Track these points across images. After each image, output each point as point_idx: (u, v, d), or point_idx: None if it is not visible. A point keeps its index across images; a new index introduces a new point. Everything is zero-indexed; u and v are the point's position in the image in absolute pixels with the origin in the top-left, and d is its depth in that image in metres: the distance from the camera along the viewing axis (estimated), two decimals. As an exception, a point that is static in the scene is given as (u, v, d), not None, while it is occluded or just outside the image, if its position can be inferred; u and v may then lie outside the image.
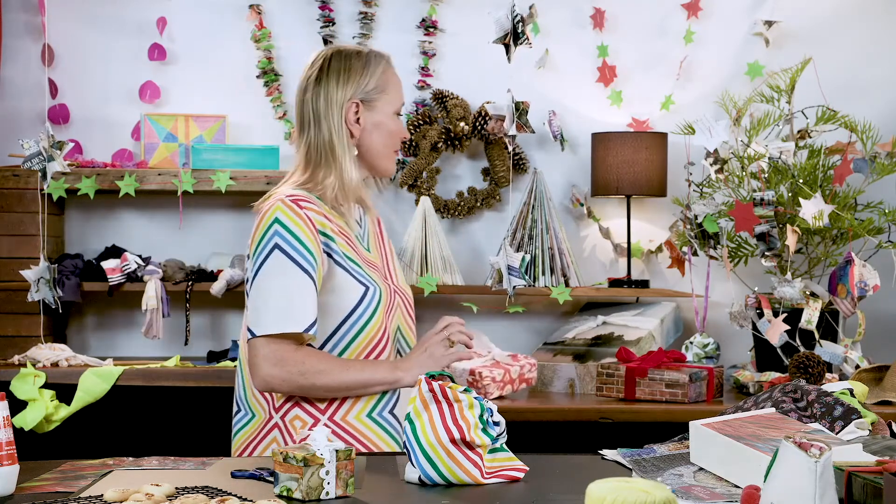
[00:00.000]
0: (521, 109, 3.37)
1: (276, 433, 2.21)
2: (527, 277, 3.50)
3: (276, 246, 2.13)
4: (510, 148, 3.62)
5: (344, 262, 2.19)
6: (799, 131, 3.46)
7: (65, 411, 3.13)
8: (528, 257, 3.51)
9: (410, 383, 2.18)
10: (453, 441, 1.78)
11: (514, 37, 3.01)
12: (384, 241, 2.39)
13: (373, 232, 2.36)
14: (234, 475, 1.85)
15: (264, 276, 2.14)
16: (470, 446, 1.79)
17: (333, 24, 3.74)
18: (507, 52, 3.09)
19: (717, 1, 3.78)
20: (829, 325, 3.31)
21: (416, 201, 3.65)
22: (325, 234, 2.18)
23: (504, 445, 1.86)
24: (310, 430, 2.12)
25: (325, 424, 2.16)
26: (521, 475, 1.83)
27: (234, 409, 2.31)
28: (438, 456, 1.77)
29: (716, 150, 3.34)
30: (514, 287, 3.28)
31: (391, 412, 2.21)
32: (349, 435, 2.17)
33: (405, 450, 1.81)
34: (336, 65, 2.28)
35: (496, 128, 3.66)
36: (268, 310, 2.12)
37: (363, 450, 2.18)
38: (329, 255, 2.18)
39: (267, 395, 2.21)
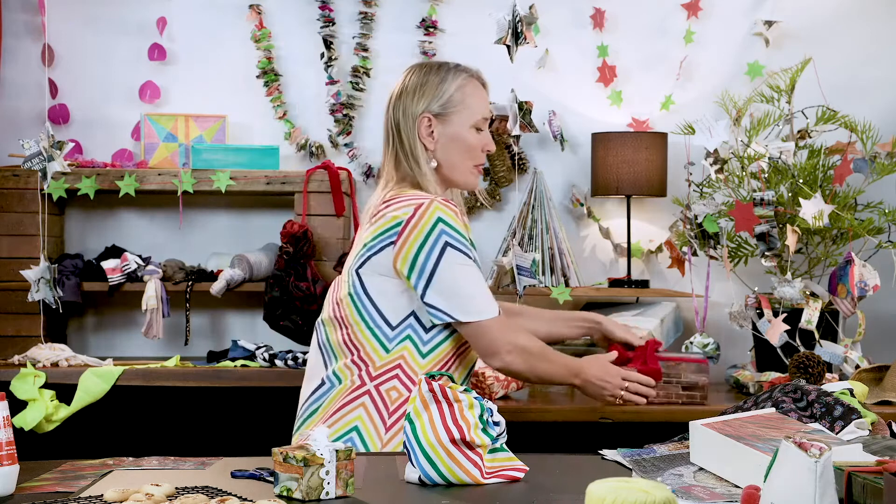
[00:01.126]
0: (524, 109, 3.36)
1: (365, 399, 2.31)
2: (538, 277, 3.51)
3: (447, 244, 2.29)
4: (514, 148, 3.62)
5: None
6: (799, 131, 3.46)
7: (65, 411, 3.13)
8: (538, 257, 3.52)
9: (580, 386, 2.59)
10: (453, 441, 1.78)
11: (514, 37, 3.01)
12: None
13: None
14: (234, 475, 1.85)
15: (448, 271, 2.30)
16: (470, 446, 1.79)
17: (333, 24, 3.74)
18: (510, 52, 3.09)
19: (717, 1, 3.78)
20: (829, 325, 3.31)
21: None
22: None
23: (504, 445, 1.86)
24: (402, 403, 2.26)
25: None
26: (521, 475, 1.83)
27: (316, 385, 2.39)
28: (438, 456, 1.77)
29: (716, 150, 3.34)
30: (523, 287, 3.29)
31: None
32: None
33: (405, 450, 1.81)
34: (415, 79, 2.43)
35: (500, 128, 3.66)
36: (474, 299, 2.32)
37: None
38: None
39: (359, 362, 2.33)
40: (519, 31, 2.97)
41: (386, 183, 2.44)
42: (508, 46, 3.01)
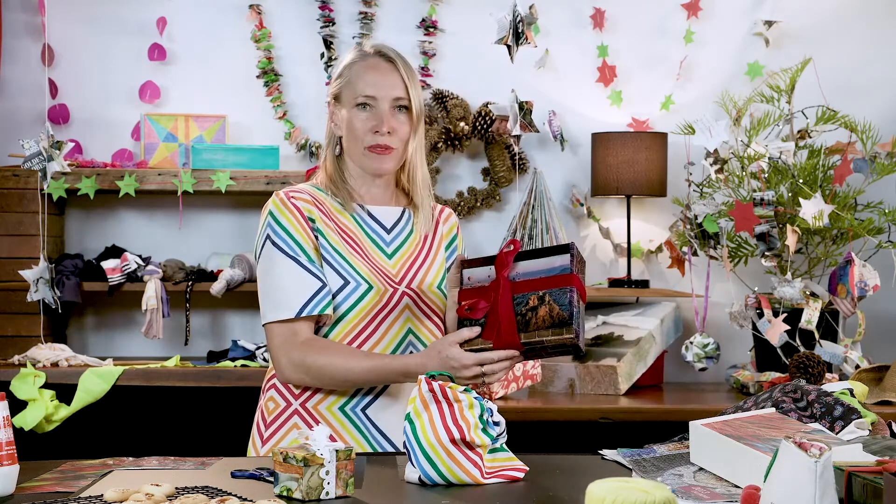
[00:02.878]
0: (525, 109, 3.36)
1: (257, 414, 2.26)
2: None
3: (268, 237, 2.19)
4: (515, 148, 3.62)
5: (328, 254, 2.19)
6: (799, 131, 3.46)
7: (65, 411, 3.13)
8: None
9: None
10: (453, 441, 1.78)
11: (515, 37, 3.01)
12: (429, 243, 2.33)
13: (418, 233, 2.31)
14: (234, 475, 1.85)
15: (260, 268, 2.21)
16: (470, 446, 1.79)
17: (333, 24, 3.74)
18: (510, 52, 3.09)
19: (717, 1, 3.79)
20: (829, 325, 3.31)
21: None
22: (313, 221, 2.20)
23: (504, 445, 1.86)
24: (280, 413, 2.17)
25: (296, 410, 2.18)
26: (521, 475, 1.83)
27: None
28: (438, 456, 1.77)
29: (716, 150, 3.34)
30: None
31: (363, 411, 2.19)
32: (318, 424, 2.15)
33: (405, 450, 1.81)
34: None
35: (501, 128, 3.66)
36: (264, 298, 2.19)
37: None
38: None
39: (269, 374, 2.26)
40: (520, 31, 2.97)
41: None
42: (509, 46, 3.01)
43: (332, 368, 2.12)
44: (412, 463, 1.79)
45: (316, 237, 2.19)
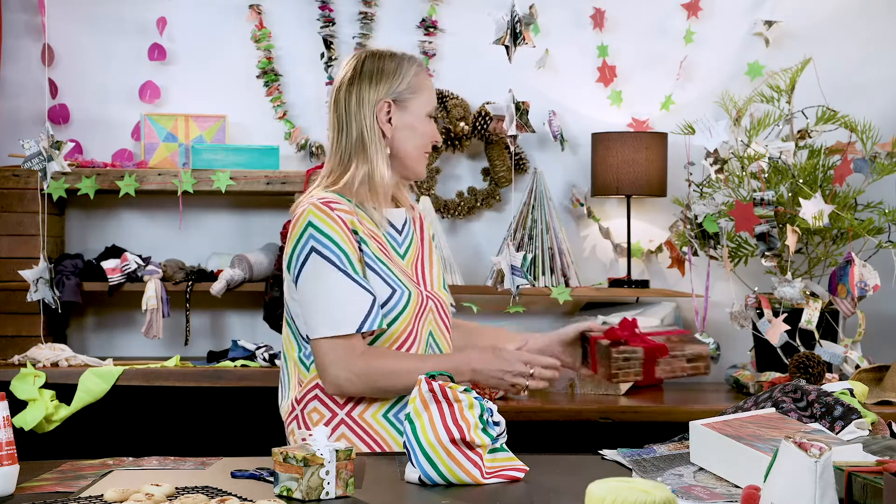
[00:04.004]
0: (521, 109, 3.36)
1: (294, 425, 2.24)
2: (529, 277, 3.50)
3: (313, 249, 2.15)
4: (511, 148, 3.62)
5: (374, 263, 2.20)
6: (799, 131, 3.46)
7: (65, 411, 3.13)
8: (530, 256, 3.51)
9: (470, 379, 2.21)
10: (453, 441, 1.78)
11: (513, 37, 3.01)
12: (423, 244, 2.38)
13: (415, 236, 2.36)
14: (234, 475, 1.85)
15: (306, 281, 2.16)
16: (470, 446, 1.79)
17: (333, 24, 3.74)
18: (508, 52, 3.09)
19: (717, 1, 3.79)
20: (829, 325, 3.31)
21: (416, 201, 3.64)
22: (356, 233, 2.19)
23: (504, 445, 1.86)
24: (325, 424, 2.16)
25: (343, 420, 2.17)
26: (521, 475, 1.83)
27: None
28: (438, 456, 1.77)
29: (716, 150, 3.34)
30: (517, 287, 3.27)
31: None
32: (364, 433, 2.17)
33: (405, 450, 1.81)
34: (369, 66, 2.28)
35: (498, 128, 3.66)
36: (316, 314, 2.15)
37: (377, 448, 2.17)
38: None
39: (295, 384, 2.24)
40: (517, 31, 2.97)
41: (324, 176, 2.30)
42: (507, 47, 3.01)
43: (399, 373, 2.13)
44: (412, 463, 1.79)
45: (360, 248, 2.18)
